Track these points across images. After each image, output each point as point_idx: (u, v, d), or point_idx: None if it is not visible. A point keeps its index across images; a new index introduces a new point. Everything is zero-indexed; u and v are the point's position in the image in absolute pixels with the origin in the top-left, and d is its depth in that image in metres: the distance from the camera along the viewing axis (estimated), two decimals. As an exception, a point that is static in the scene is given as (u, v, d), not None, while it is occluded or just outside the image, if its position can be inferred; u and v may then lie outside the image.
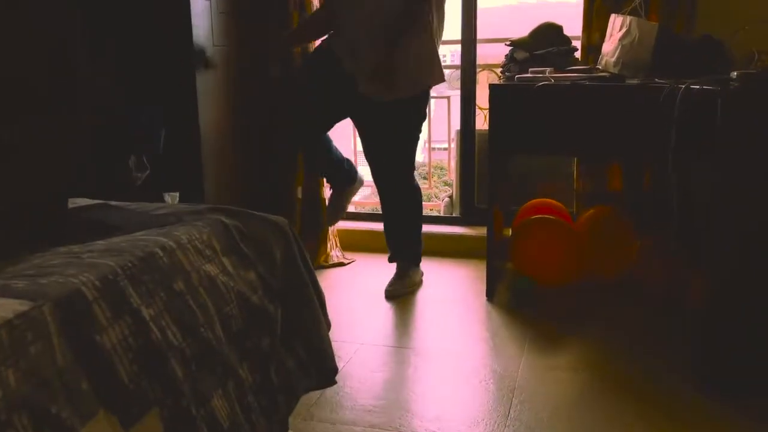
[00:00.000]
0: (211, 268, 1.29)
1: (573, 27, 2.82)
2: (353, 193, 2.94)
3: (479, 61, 3.24)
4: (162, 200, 2.41)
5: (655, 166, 2.77)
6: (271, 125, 2.91)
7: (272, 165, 2.97)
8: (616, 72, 2.40)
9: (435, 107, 3.70)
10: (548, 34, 2.70)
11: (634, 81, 2.23)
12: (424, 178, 3.95)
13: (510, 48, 2.77)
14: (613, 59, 2.42)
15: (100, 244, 1.20)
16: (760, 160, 1.77)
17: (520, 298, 2.62)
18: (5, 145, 1.59)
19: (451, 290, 2.79)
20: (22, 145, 1.65)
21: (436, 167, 5.91)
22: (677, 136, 1.97)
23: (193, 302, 1.20)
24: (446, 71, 2.96)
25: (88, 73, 2.28)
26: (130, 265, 1.11)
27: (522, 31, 2.79)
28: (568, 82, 2.37)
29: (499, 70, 3.12)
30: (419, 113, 2.65)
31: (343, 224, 3.18)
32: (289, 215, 2.98)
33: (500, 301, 2.64)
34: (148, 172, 2.34)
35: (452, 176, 3.71)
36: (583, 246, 2.65)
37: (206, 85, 2.55)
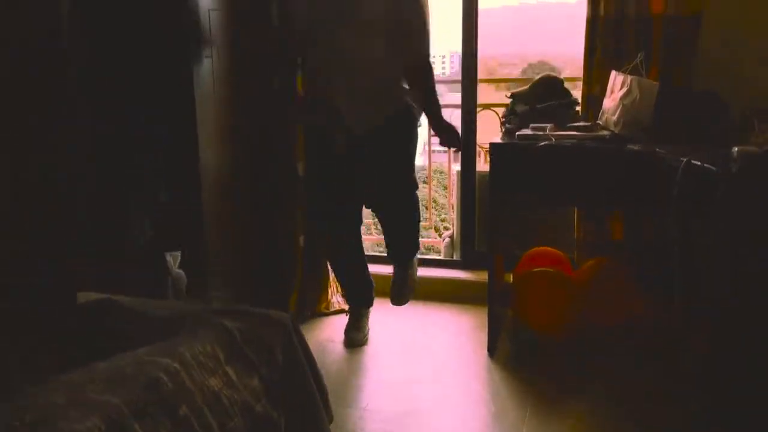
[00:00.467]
0: (215, 383, 1.29)
1: (573, 34, 2.82)
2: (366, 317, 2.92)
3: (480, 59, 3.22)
4: (164, 261, 2.41)
5: (655, 218, 2.78)
6: (271, 172, 2.91)
7: (273, 215, 2.96)
8: (617, 131, 2.40)
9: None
10: (548, 87, 2.71)
11: (636, 147, 2.22)
12: (424, 182, 3.89)
13: (510, 99, 2.77)
14: (615, 118, 2.42)
15: (103, 369, 1.19)
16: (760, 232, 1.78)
17: (522, 352, 2.62)
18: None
19: (452, 341, 2.79)
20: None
21: (435, 171, 5.83)
22: (677, 208, 1.97)
23: (198, 425, 1.20)
24: (446, 111, 2.97)
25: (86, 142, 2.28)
26: (135, 399, 1.11)
27: (522, 34, 2.80)
28: (569, 144, 2.37)
29: (499, 110, 3.13)
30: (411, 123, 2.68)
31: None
32: (291, 264, 2.99)
33: (502, 356, 2.64)
34: (151, 234, 2.34)
35: (452, 214, 3.71)
36: (584, 299, 2.65)
37: (207, 139, 2.55)
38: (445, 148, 3.22)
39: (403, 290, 2.82)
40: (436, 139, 2.87)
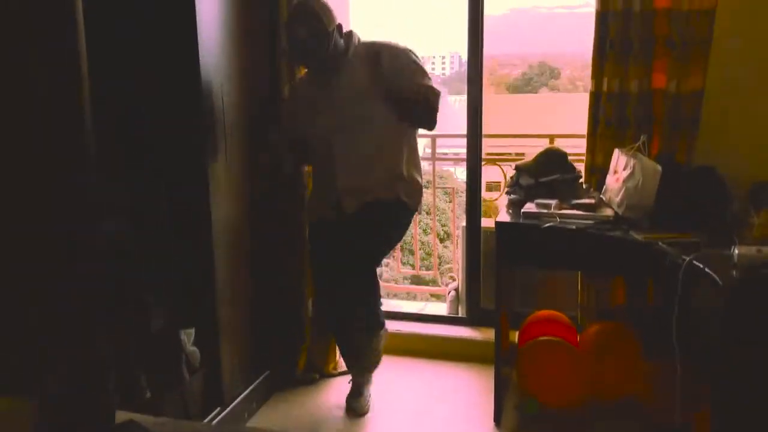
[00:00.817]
0: None
1: (578, 34, 2.86)
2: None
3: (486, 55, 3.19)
4: (178, 338, 2.46)
5: (657, 285, 2.83)
6: (280, 239, 2.98)
7: (282, 281, 3.02)
8: (621, 213, 2.46)
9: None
10: (552, 160, 2.76)
11: (639, 237, 2.28)
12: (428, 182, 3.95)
13: (515, 171, 2.83)
14: (618, 199, 2.48)
15: None
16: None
17: (527, 423, 2.68)
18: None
19: (457, 408, 2.85)
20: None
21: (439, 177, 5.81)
22: (680, 308, 2.03)
23: None
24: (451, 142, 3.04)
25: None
26: None
27: (528, 38, 2.85)
28: (573, 227, 2.43)
29: (503, 165, 3.20)
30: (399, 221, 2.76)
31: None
32: (299, 327, 3.04)
33: (508, 424, 2.70)
34: (166, 316, 2.39)
35: (456, 266, 3.77)
36: (588, 368, 2.71)
37: (220, 214, 2.60)
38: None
39: (360, 402, 2.84)
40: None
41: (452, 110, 9.97)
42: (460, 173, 7.41)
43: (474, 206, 3.30)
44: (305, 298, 3.03)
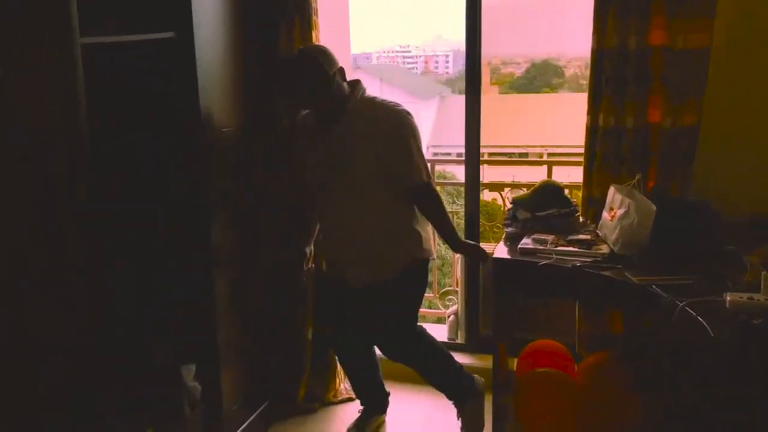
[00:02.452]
0: None
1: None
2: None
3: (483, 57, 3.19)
4: (179, 374, 2.50)
5: (653, 317, 2.86)
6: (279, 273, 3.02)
7: (280, 310, 3.06)
8: (616, 250, 2.49)
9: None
10: (549, 195, 2.79)
11: (634, 279, 2.30)
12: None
13: (512, 205, 2.86)
14: (613, 237, 2.51)
15: None
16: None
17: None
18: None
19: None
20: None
21: (439, 176, 5.82)
22: (675, 349, 2.06)
23: None
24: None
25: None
26: None
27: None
28: (569, 265, 2.46)
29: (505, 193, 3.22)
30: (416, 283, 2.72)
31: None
32: (299, 356, 3.08)
33: (505, 457, 2.73)
34: (169, 354, 2.43)
35: (456, 287, 3.80)
36: (584, 401, 2.74)
37: (221, 252, 2.64)
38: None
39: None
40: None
41: (454, 115, 10.00)
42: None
43: (472, 232, 3.33)
44: (305, 328, 3.06)
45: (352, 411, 3.07)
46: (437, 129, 16.45)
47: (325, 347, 3.11)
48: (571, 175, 3.40)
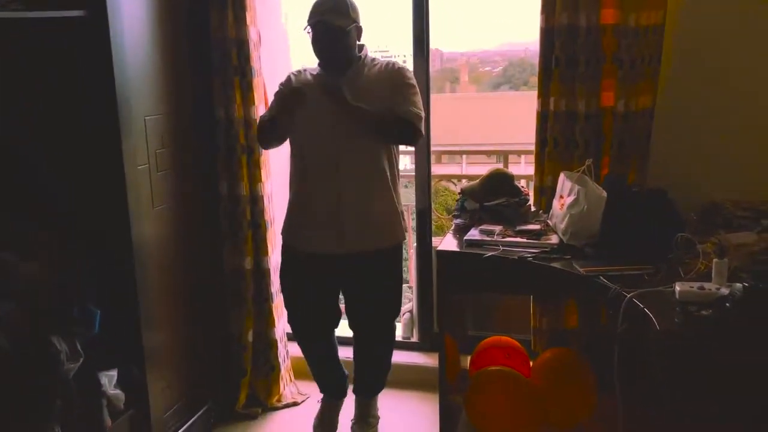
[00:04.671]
0: None
1: None
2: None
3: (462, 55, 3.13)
4: (97, 382, 2.32)
5: (608, 310, 2.72)
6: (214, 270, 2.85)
7: (218, 310, 2.89)
8: (565, 240, 2.34)
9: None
10: (498, 184, 2.64)
11: (582, 270, 2.15)
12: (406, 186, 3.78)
13: (460, 196, 2.70)
14: (563, 226, 2.36)
15: None
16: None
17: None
18: None
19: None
20: None
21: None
22: (621, 341, 1.92)
23: None
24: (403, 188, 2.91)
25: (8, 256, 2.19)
26: None
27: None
28: (515, 257, 2.31)
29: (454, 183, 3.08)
30: (400, 263, 2.67)
31: (297, 351, 3.07)
32: (238, 361, 2.91)
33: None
34: (82, 359, 2.24)
35: (413, 283, 3.64)
36: (539, 399, 2.60)
37: (145, 250, 2.46)
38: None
39: (363, 426, 2.76)
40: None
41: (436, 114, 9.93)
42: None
43: (424, 227, 3.18)
44: (244, 329, 2.89)
45: (298, 416, 2.91)
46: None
47: (266, 349, 2.94)
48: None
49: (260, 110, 2.81)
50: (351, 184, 2.47)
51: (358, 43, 2.49)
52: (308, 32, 2.42)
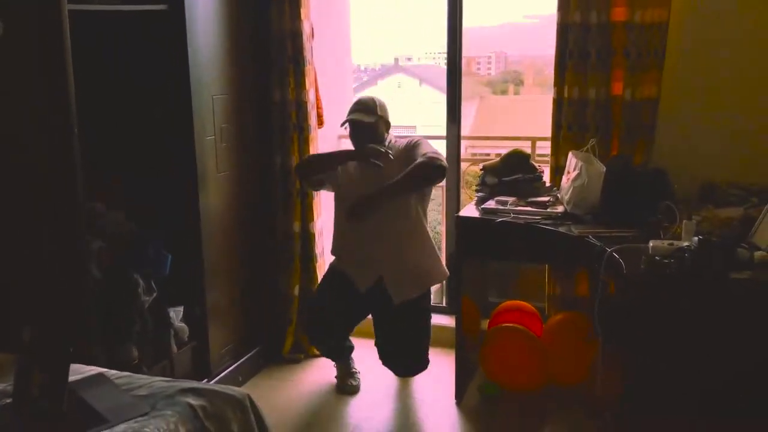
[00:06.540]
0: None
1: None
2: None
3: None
4: (167, 314, 2.77)
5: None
6: (270, 230, 3.28)
7: (269, 269, 3.31)
8: (569, 210, 2.67)
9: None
10: (516, 162, 2.98)
11: (575, 231, 2.48)
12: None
13: (482, 171, 3.05)
14: (567, 197, 2.69)
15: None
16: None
17: (487, 404, 2.91)
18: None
19: (425, 387, 3.11)
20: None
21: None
22: (603, 291, 2.25)
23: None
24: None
25: (99, 207, 2.65)
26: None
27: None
28: (522, 222, 2.65)
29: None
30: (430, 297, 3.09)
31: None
32: (285, 309, 3.33)
33: (468, 404, 2.93)
34: (155, 294, 2.70)
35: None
36: (548, 356, 2.92)
37: (210, 208, 2.90)
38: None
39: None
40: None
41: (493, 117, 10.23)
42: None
43: (453, 199, 3.52)
44: (291, 284, 3.31)
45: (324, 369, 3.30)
46: (474, 130, 16.50)
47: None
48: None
49: (310, 95, 3.23)
50: (388, 238, 2.86)
51: (385, 134, 2.91)
52: (345, 128, 2.92)
